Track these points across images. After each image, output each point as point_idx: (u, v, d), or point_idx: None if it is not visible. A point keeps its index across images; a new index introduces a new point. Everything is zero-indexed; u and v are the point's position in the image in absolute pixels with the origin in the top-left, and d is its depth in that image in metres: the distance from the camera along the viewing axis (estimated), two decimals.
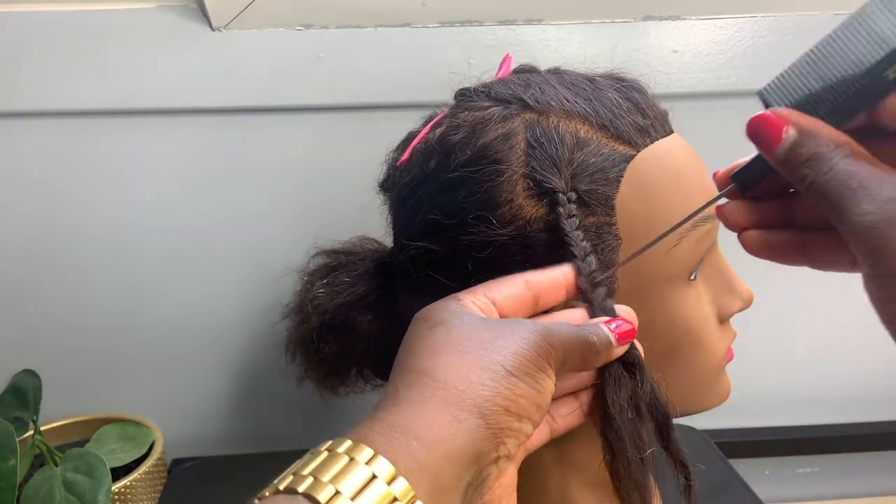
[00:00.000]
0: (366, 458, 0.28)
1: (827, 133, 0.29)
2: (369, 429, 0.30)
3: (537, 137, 0.43)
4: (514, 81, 0.47)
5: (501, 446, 0.31)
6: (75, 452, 0.59)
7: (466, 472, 0.30)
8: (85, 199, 0.72)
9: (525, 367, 0.32)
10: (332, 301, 0.51)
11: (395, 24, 0.70)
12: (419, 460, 0.29)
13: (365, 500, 0.27)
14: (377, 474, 0.28)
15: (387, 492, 0.27)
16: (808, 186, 0.29)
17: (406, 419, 0.30)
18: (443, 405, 0.30)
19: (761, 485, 0.73)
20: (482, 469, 0.31)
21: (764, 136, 0.31)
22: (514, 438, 0.32)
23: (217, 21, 0.69)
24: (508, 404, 0.31)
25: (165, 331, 0.76)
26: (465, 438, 0.30)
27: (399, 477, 0.28)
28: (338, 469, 0.28)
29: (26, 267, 0.73)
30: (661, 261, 0.43)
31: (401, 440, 0.29)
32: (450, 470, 0.29)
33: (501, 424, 0.31)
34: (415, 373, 0.32)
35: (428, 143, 0.47)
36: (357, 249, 0.55)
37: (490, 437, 0.31)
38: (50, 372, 0.65)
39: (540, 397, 0.33)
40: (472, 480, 0.31)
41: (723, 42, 0.73)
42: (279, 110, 0.71)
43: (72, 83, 0.69)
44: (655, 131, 0.45)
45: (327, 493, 0.27)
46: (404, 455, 0.29)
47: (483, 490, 0.32)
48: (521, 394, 0.32)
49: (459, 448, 0.30)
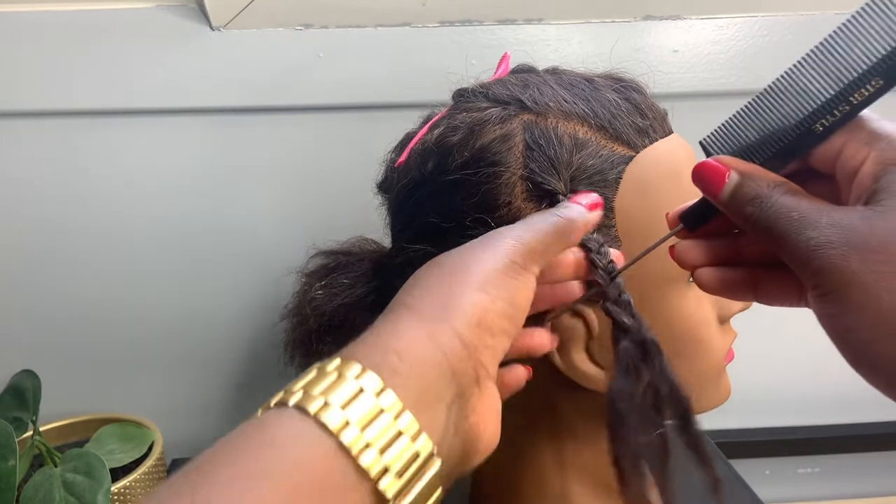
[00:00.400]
0: (354, 373, 0.29)
1: (765, 175, 0.33)
2: (354, 349, 0.32)
3: (536, 139, 0.42)
4: (511, 82, 0.46)
5: (479, 365, 0.33)
6: (75, 453, 0.59)
7: (447, 389, 0.32)
8: (85, 199, 0.72)
9: (494, 280, 0.34)
10: (330, 303, 0.51)
11: (395, 23, 0.70)
12: (402, 374, 0.30)
13: (354, 410, 0.28)
14: (365, 388, 0.29)
15: (375, 404, 0.29)
16: (753, 223, 0.32)
17: (387, 339, 0.32)
18: (418, 328, 0.32)
19: (762, 485, 0.73)
20: (463, 389, 0.32)
21: (708, 181, 0.34)
22: (489, 355, 0.33)
23: (217, 21, 0.69)
24: (479, 320, 0.33)
25: (165, 331, 0.76)
26: (441, 355, 0.32)
27: (387, 389, 0.29)
28: (327, 384, 0.29)
29: (26, 267, 0.73)
30: (661, 262, 0.43)
31: (384, 356, 0.31)
32: (432, 385, 0.31)
33: (475, 341, 0.33)
34: (394, 305, 0.35)
35: (426, 144, 0.46)
36: (355, 250, 0.55)
37: (466, 355, 0.32)
38: (49, 372, 0.65)
39: (511, 309, 0.34)
40: (454, 399, 0.32)
41: (723, 42, 0.73)
42: (278, 110, 0.71)
43: (72, 83, 0.69)
44: (655, 132, 0.45)
45: (317, 404, 0.28)
46: (388, 369, 0.30)
47: (468, 411, 0.33)
48: (489, 308, 0.33)
49: (437, 363, 0.31)
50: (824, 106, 0.31)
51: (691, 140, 0.47)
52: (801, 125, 0.32)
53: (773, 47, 0.73)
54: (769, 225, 0.31)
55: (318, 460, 0.27)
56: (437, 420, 0.31)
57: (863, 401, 0.86)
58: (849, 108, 0.31)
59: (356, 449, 0.27)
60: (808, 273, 0.30)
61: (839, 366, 0.34)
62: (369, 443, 0.28)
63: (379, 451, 0.28)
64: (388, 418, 0.29)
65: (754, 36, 0.73)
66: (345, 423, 0.28)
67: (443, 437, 0.31)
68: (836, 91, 0.31)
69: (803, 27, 0.73)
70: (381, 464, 0.28)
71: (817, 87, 0.31)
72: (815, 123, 0.32)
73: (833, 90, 0.31)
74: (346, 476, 0.27)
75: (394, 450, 0.28)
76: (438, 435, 0.31)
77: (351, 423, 0.28)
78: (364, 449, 0.27)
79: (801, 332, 0.84)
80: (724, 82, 0.73)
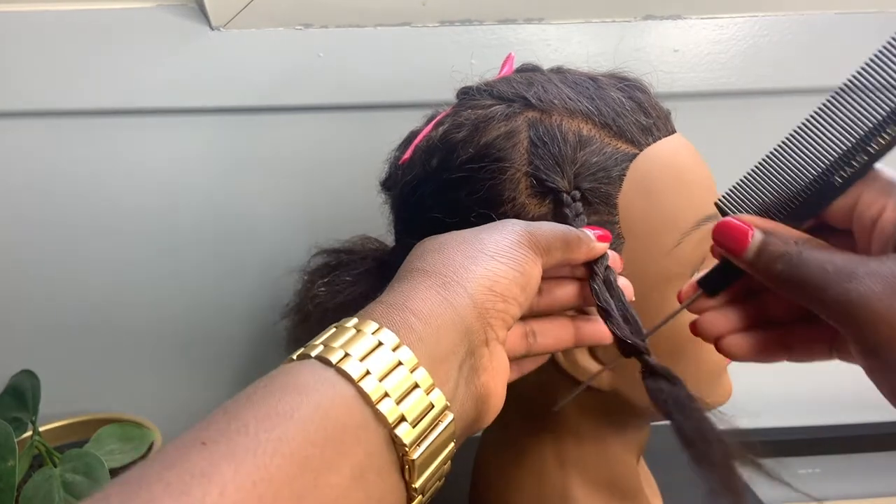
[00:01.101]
0: (372, 329, 0.31)
1: (789, 232, 0.32)
2: (372, 309, 0.33)
3: (540, 136, 0.42)
4: (516, 80, 0.46)
5: (489, 328, 0.34)
6: (74, 453, 0.58)
7: (460, 346, 0.33)
8: (85, 199, 0.72)
9: (505, 251, 0.35)
10: (332, 300, 0.51)
11: (395, 23, 0.70)
12: (417, 331, 0.31)
13: (372, 362, 0.29)
14: (383, 342, 0.30)
15: (393, 357, 0.30)
16: (783, 281, 0.31)
17: (402, 299, 0.33)
18: (433, 288, 0.33)
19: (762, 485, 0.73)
20: (474, 348, 0.33)
21: (731, 241, 0.33)
22: (500, 319, 0.34)
23: (216, 20, 0.69)
24: (492, 284, 0.34)
25: (166, 331, 0.76)
26: (454, 314, 0.33)
27: (403, 345, 0.30)
28: (347, 338, 0.30)
29: (26, 267, 0.73)
30: (663, 261, 0.43)
31: (400, 315, 0.32)
32: (445, 342, 0.32)
33: (487, 304, 0.34)
34: (407, 271, 0.35)
35: (430, 141, 0.47)
36: (358, 248, 0.55)
37: (477, 316, 0.33)
38: (49, 372, 0.65)
39: (523, 279, 0.35)
40: (465, 357, 0.33)
41: (724, 41, 0.73)
42: (279, 110, 0.71)
43: (72, 83, 0.69)
44: (658, 130, 0.45)
45: (338, 355, 0.29)
46: (404, 327, 0.31)
47: (479, 370, 0.34)
48: (504, 275, 0.34)
49: (451, 321, 0.32)
50: (842, 157, 0.31)
51: (693, 139, 0.47)
52: (819, 179, 0.31)
53: (773, 47, 0.73)
54: (802, 281, 0.30)
55: (339, 406, 0.28)
56: (450, 376, 0.32)
57: (863, 401, 0.86)
58: (867, 157, 0.30)
59: (376, 396, 0.28)
60: (850, 328, 0.29)
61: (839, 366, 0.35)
62: (387, 392, 0.29)
63: (396, 401, 0.29)
64: (405, 371, 0.30)
65: (754, 36, 0.73)
66: (365, 372, 0.29)
67: (454, 392, 0.32)
68: (854, 141, 0.30)
69: (803, 27, 0.73)
70: (398, 412, 0.29)
71: (833, 138, 0.31)
72: (834, 176, 0.31)
73: (850, 141, 0.30)
74: (365, 421, 0.28)
75: (409, 400, 0.30)
76: (450, 390, 0.32)
77: (370, 374, 0.29)
78: (383, 397, 0.29)
79: None
80: (724, 82, 0.73)
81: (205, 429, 0.26)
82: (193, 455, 0.24)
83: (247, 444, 0.25)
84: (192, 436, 0.25)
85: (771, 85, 0.73)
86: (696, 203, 0.44)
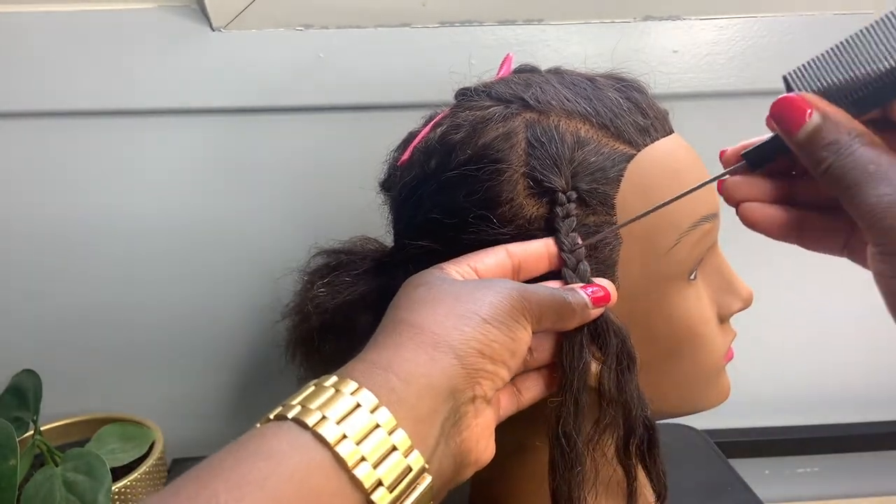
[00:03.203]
0: (350, 389, 0.30)
1: (847, 121, 0.31)
2: (353, 367, 0.32)
3: (538, 137, 0.43)
4: (514, 81, 0.47)
5: (477, 386, 0.34)
6: (75, 452, 0.58)
7: (443, 406, 0.32)
8: (85, 199, 0.72)
9: (499, 315, 0.35)
10: (332, 300, 0.51)
11: (395, 24, 0.70)
12: (398, 393, 0.31)
13: (349, 425, 0.29)
14: (361, 404, 0.30)
15: (370, 419, 0.29)
16: (825, 169, 0.31)
17: (386, 358, 0.32)
18: (420, 346, 0.33)
19: (761, 485, 0.73)
20: (459, 406, 0.33)
21: (788, 118, 0.32)
22: (489, 380, 0.34)
23: (217, 21, 0.69)
24: (482, 347, 0.34)
25: (166, 331, 0.76)
26: (440, 375, 0.32)
27: (381, 407, 0.30)
28: (325, 399, 0.30)
29: (26, 267, 0.73)
30: (660, 260, 0.43)
31: (381, 375, 0.31)
32: (427, 403, 0.32)
33: (476, 366, 0.33)
34: (395, 322, 0.35)
35: (429, 142, 0.47)
36: (357, 249, 0.55)
37: (465, 377, 0.33)
38: (50, 372, 0.65)
39: (514, 344, 0.35)
40: (448, 416, 0.33)
41: (723, 42, 0.73)
42: (279, 110, 0.71)
43: (72, 83, 0.69)
44: (656, 131, 0.45)
45: (315, 417, 0.29)
46: (384, 388, 0.31)
47: (461, 426, 0.33)
48: (495, 339, 0.34)
49: (436, 383, 0.32)
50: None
51: (692, 140, 0.47)
52: (890, 73, 0.31)
53: (773, 47, 0.73)
54: (842, 173, 0.30)
55: (314, 471, 0.27)
56: (430, 435, 0.32)
57: (862, 401, 0.86)
58: None
59: (351, 462, 0.28)
60: (875, 230, 0.29)
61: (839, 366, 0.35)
62: (364, 456, 0.29)
63: (373, 465, 0.29)
64: (383, 434, 0.30)
65: (754, 36, 0.73)
66: (341, 436, 0.28)
67: (433, 451, 0.32)
68: None
69: (803, 27, 0.73)
70: (374, 477, 0.28)
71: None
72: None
73: None
74: (340, 488, 0.28)
75: (387, 464, 0.29)
76: (429, 448, 0.31)
77: (347, 437, 0.28)
78: (359, 462, 0.28)
79: (801, 332, 0.84)
80: (724, 82, 0.73)
81: (175, 494, 0.25)
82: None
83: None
84: (160, 502, 0.25)
85: (770, 85, 0.72)
86: (694, 203, 0.44)
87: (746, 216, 0.36)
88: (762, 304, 0.53)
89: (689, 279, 0.45)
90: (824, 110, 0.32)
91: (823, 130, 0.31)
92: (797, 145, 0.32)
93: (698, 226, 0.44)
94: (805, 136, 0.32)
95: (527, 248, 0.41)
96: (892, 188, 0.29)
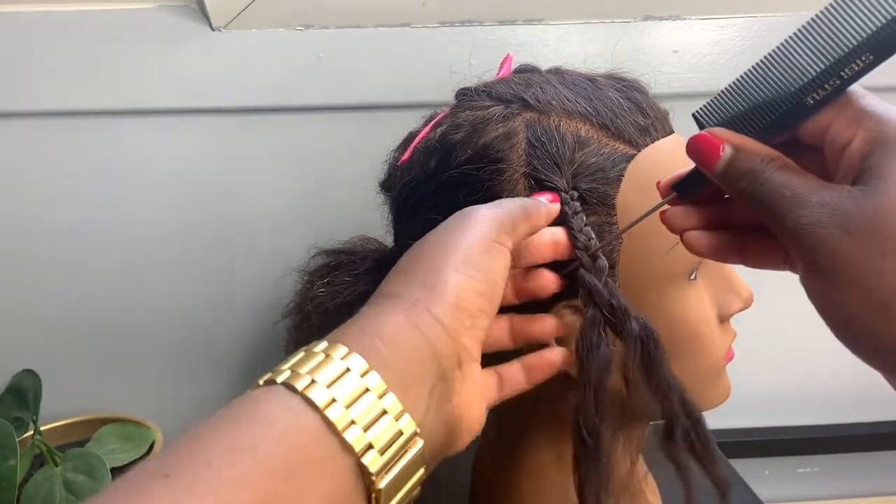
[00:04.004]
0: (340, 354, 0.30)
1: (758, 149, 0.33)
2: (343, 332, 0.33)
3: (538, 136, 0.43)
4: (514, 81, 0.47)
5: (462, 349, 0.34)
6: (75, 452, 0.59)
7: (429, 370, 0.33)
8: (84, 199, 0.72)
9: (472, 256, 0.35)
10: (332, 300, 0.51)
11: (395, 24, 0.70)
12: (385, 357, 0.31)
13: (339, 388, 0.29)
14: (351, 368, 0.30)
15: (360, 383, 0.30)
16: (746, 197, 0.32)
17: (373, 325, 0.33)
18: (400, 314, 0.33)
19: (761, 485, 0.73)
20: (445, 372, 0.33)
21: (703, 154, 0.34)
22: (470, 336, 0.35)
23: (217, 21, 0.69)
24: (457, 301, 0.34)
25: (165, 331, 0.76)
26: (421, 338, 0.33)
27: (371, 371, 0.30)
28: (314, 363, 0.30)
29: (26, 267, 0.73)
30: (660, 260, 0.43)
31: (370, 340, 0.32)
32: (414, 368, 0.32)
33: (454, 323, 0.34)
34: (378, 295, 0.36)
35: (429, 142, 0.47)
36: (357, 249, 0.55)
37: (447, 339, 0.33)
38: (50, 372, 0.65)
39: (488, 289, 0.36)
40: (436, 381, 0.33)
41: (723, 42, 0.73)
42: (279, 110, 0.71)
43: (71, 83, 0.69)
44: (656, 131, 0.45)
45: (304, 381, 0.29)
46: (373, 353, 0.31)
47: (450, 393, 0.34)
48: (468, 288, 0.35)
49: (419, 347, 0.33)
50: (815, 79, 0.31)
51: None
52: (792, 97, 0.32)
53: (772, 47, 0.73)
54: (761, 200, 0.32)
55: (304, 435, 0.27)
56: (420, 401, 0.32)
57: (863, 400, 0.86)
58: (839, 82, 0.31)
59: (341, 425, 0.28)
60: (799, 250, 0.31)
61: (839, 365, 0.35)
62: (354, 420, 0.29)
63: (363, 429, 0.29)
64: (373, 397, 0.30)
65: (754, 36, 0.73)
66: (331, 399, 0.29)
67: (424, 417, 0.32)
68: (827, 65, 0.31)
69: None
70: (364, 440, 0.29)
71: (809, 60, 0.32)
72: (807, 97, 0.32)
73: (824, 64, 0.31)
74: (331, 451, 0.28)
75: (377, 427, 0.29)
76: (420, 415, 0.32)
77: (337, 401, 0.29)
78: (349, 425, 0.28)
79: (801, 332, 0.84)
80: (724, 82, 0.73)
81: (168, 458, 0.25)
82: (155, 489, 0.24)
83: (209, 479, 0.24)
84: (155, 465, 0.25)
85: None
86: None
87: (689, 244, 0.37)
88: (763, 304, 0.53)
89: (690, 279, 0.45)
90: (734, 142, 0.33)
91: (737, 162, 0.33)
92: (716, 178, 0.34)
93: None
94: (722, 169, 0.33)
95: None
96: (807, 210, 0.30)
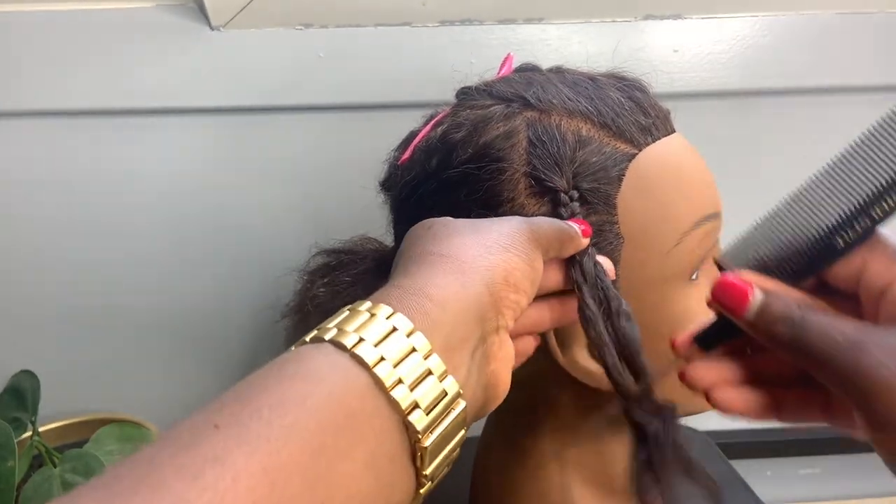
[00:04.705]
0: (386, 314, 0.30)
1: (791, 293, 0.32)
2: (386, 293, 0.33)
3: (539, 136, 0.42)
4: (515, 80, 0.46)
5: (500, 316, 0.34)
6: (74, 453, 0.58)
7: (474, 333, 0.33)
8: (85, 199, 0.72)
9: (518, 244, 0.36)
10: (332, 300, 0.51)
11: (395, 23, 0.70)
12: (432, 317, 0.31)
13: (387, 347, 0.29)
14: (397, 327, 0.30)
15: (407, 343, 0.30)
16: (785, 344, 0.30)
17: (419, 284, 0.33)
18: (452, 274, 0.33)
19: (763, 485, 0.73)
20: (486, 335, 0.34)
21: (731, 299, 0.32)
22: (511, 309, 0.35)
23: (216, 20, 0.69)
24: (507, 275, 0.34)
25: (165, 331, 0.76)
26: (471, 301, 0.33)
27: (417, 331, 0.30)
28: (360, 321, 0.30)
29: (26, 267, 0.73)
30: (662, 261, 0.43)
31: (415, 300, 0.32)
32: (460, 329, 0.32)
33: (501, 294, 0.34)
34: (422, 254, 0.35)
35: (430, 141, 0.47)
36: (358, 249, 0.55)
37: (492, 304, 0.34)
38: (49, 372, 0.65)
39: (532, 273, 0.36)
40: (477, 344, 0.33)
41: (723, 42, 0.73)
42: (279, 110, 0.71)
43: (71, 82, 0.68)
44: (657, 130, 0.45)
45: (352, 339, 0.29)
46: (419, 313, 0.31)
47: (489, 357, 0.34)
48: (516, 267, 0.35)
49: (467, 308, 0.33)
50: (845, 220, 0.30)
51: (693, 140, 0.47)
52: (821, 240, 0.31)
53: (773, 47, 0.73)
54: (806, 346, 0.29)
55: (352, 392, 0.28)
56: (463, 362, 0.32)
57: None
58: (870, 222, 0.30)
59: (390, 383, 0.28)
60: (861, 398, 0.28)
61: None
62: (401, 378, 0.29)
63: (409, 388, 0.29)
64: (419, 357, 0.30)
65: (754, 36, 0.73)
66: (379, 358, 0.29)
67: (466, 379, 0.32)
68: (857, 205, 0.30)
69: (803, 27, 0.73)
70: (411, 399, 0.29)
71: (837, 200, 0.30)
72: (836, 238, 0.31)
73: (854, 204, 0.30)
74: (378, 409, 0.28)
75: (423, 387, 0.29)
76: (463, 377, 0.32)
77: (385, 360, 0.29)
78: (396, 384, 0.29)
79: None
80: (724, 82, 0.73)
81: (217, 411, 0.25)
82: (206, 439, 0.24)
83: (260, 430, 0.24)
84: (204, 418, 0.25)
85: (771, 85, 0.73)
86: (696, 203, 0.44)
87: (720, 404, 0.34)
88: None
89: (691, 279, 0.45)
90: (765, 287, 0.31)
91: (772, 306, 0.31)
92: (748, 325, 0.32)
93: (700, 225, 0.44)
94: (754, 316, 0.31)
95: None
96: (864, 352, 0.28)
